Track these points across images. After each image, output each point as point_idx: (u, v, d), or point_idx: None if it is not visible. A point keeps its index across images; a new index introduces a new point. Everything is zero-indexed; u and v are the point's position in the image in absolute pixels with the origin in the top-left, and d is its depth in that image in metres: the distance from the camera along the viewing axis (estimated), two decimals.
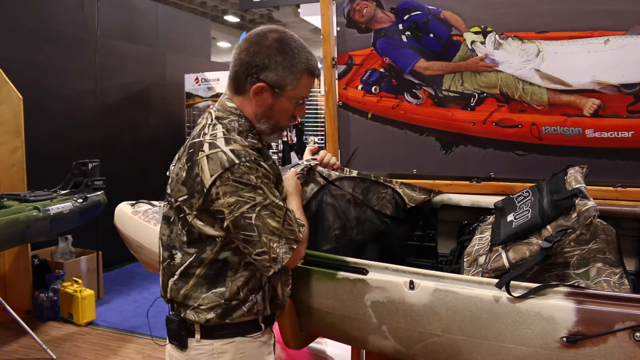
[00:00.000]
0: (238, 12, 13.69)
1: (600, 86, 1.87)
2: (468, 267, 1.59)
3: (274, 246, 1.28)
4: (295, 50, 1.33)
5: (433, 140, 2.17)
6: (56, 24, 4.93)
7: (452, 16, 2.06)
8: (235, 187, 1.24)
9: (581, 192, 1.41)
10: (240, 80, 1.35)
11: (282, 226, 1.29)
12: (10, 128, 3.98)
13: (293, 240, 1.31)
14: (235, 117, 1.36)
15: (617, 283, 1.47)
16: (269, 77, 1.31)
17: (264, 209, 1.26)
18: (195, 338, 1.35)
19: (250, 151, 1.28)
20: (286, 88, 1.33)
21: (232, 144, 1.28)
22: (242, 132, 1.34)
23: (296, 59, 1.32)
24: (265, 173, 1.29)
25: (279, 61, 1.31)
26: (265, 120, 1.37)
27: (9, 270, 4.10)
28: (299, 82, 1.34)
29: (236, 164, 1.24)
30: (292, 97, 1.35)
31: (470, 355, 1.37)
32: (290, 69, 1.32)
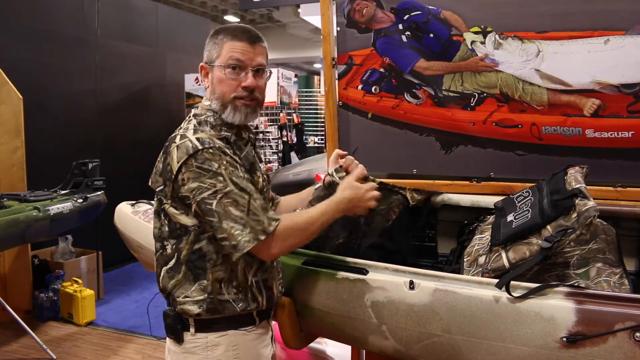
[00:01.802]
0: (238, 12, 13.69)
1: (600, 86, 1.87)
2: (468, 267, 1.59)
3: (235, 234, 1.28)
4: (223, 29, 1.44)
5: (433, 140, 2.17)
6: (56, 24, 4.93)
7: (452, 16, 2.06)
8: (198, 173, 1.29)
9: (581, 192, 1.41)
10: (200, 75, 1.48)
11: (246, 215, 1.29)
12: (10, 128, 3.98)
13: (260, 231, 1.30)
14: (210, 112, 1.44)
15: (617, 283, 1.47)
16: (205, 57, 1.45)
17: (225, 197, 1.28)
18: (190, 332, 1.39)
19: (216, 140, 1.33)
20: (213, 58, 1.43)
21: (199, 133, 1.35)
22: (215, 126, 1.41)
23: (220, 35, 1.43)
24: (230, 161, 1.32)
25: (209, 41, 1.45)
26: (214, 98, 1.43)
27: (9, 270, 4.10)
28: (221, 49, 1.41)
29: (199, 149, 1.29)
30: (221, 64, 1.41)
31: (470, 355, 1.37)
32: (214, 41, 1.44)
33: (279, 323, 1.63)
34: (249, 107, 1.44)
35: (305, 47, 15.62)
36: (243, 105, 1.42)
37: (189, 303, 1.37)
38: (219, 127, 1.42)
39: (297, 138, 7.31)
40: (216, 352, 1.38)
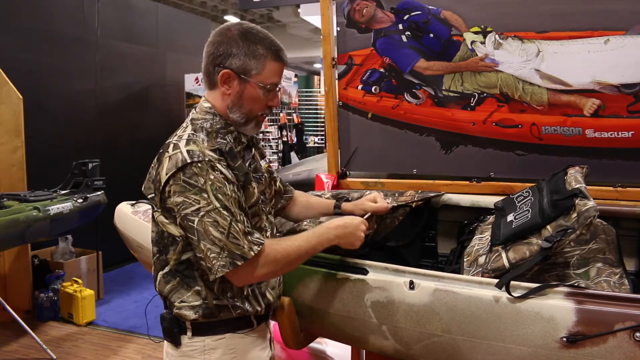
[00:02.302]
0: (238, 12, 13.69)
1: (600, 86, 1.87)
2: (468, 267, 1.59)
3: (211, 256, 1.24)
4: (257, 36, 1.35)
5: (433, 140, 2.17)
6: (56, 24, 4.93)
7: (452, 16, 2.06)
8: (184, 188, 1.25)
9: (581, 192, 1.41)
10: (210, 73, 1.38)
11: (225, 238, 1.24)
12: (10, 128, 3.98)
13: (238, 256, 1.25)
14: (209, 116, 1.39)
15: (617, 283, 1.47)
16: (233, 64, 1.33)
17: (207, 215, 1.23)
18: (187, 335, 1.37)
19: (207, 152, 1.28)
20: (251, 73, 1.34)
21: (191, 145, 1.29)
22: (212, 133, 1.35)
23: (259, 44, 1.34)
24: (218, 177, 1.26)
25: (242, 46, 1.33)
26: (236, 109, 1.38)
27: (9, 270, 4.10)
28: (263, 67, 1.35)
29: (188, 163, 1.25)
30: (259, 82, 1.35)
31: (470, 355, 1.37)
32: (253, 53, 1.34)
33: (279, 323, 1.63)
34: (264, 120, 1.46)
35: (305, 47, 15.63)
36: (261, 121, 1.43)
37: (185, 308, 1.35)
38: (215, 133, 1.35)
39: (297, 138, 7.31)
40: (214, 356, 1.37)
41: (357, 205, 1.71)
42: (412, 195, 1.96)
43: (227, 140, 1.37)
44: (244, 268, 1.26)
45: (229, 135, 1.39)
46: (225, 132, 1.38)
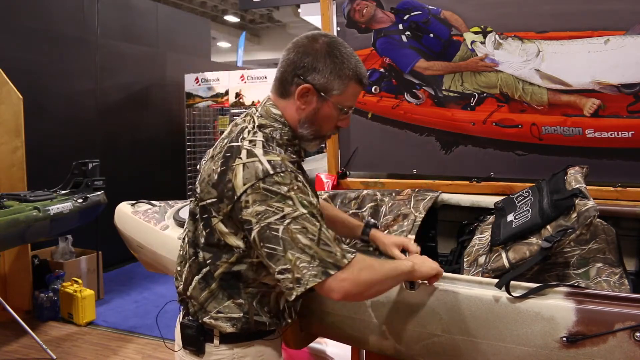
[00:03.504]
0: (238, 12, 13.69)
1: (600, 86, 1.87)
2: (468, 267, 1.59)
3: (301, 265, 1.14)
4: (345, 55, 1.30)
5: (433, 140, 2.17)
6: (56, 24, 4.94)
7: (452, 16, 2.06)
8: (265, 196, 1.16)
9: (581, 192, 1.42)
10: (286, 81, 1.30)
11: (316, 245, 1.14)
12: (10, 128, 3.98)
13: (331, 265, 1.14)
14: (279, 124, 1.31)
15: (617, 283, 1.47)
16: (315, 79, 1.27)
17: (294, 222, 1.15)
18: (214, 343, 1.32)
19: (287, 163, 1.21)
20: (332, 93, 1.28)
21: (271, 155, 1.22)
22: (282, 145, 1.29)
23: (345, 64, 1.28)
24: (301, 187, 1.20)
25: (328, 64, 1.27)
26: (308, 125, 1.32)
27: (9, 270, 4.10)
28: (345, 88, 1.29)
29: (270, 174, 1.17)
30: (337, 103, 1.30)
31: (470, 355, 1.37)
32: (339, 73, 1.28)
33: None
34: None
35: None
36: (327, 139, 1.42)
37: (222, 319, 1.29)
38: (284, 145, 1.29)
39: None
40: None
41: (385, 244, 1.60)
42: (408, 194, 1.96)
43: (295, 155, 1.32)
44: (338, 277, 1.15)
45: (291, 148, 1.33)
46: (290, 144, 1.33)
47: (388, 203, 1.97)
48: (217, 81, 6.39)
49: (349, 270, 1.16)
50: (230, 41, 15.96)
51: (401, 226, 1.78)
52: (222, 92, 6.36)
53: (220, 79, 6.38)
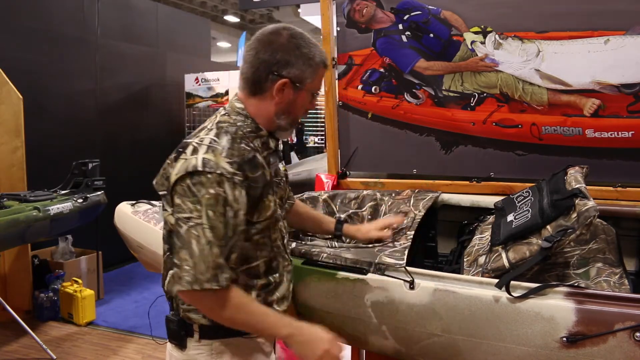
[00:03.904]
0: (238, 12, 13.69)
1: (600, 86, 1.87)
2: (468, 267, 1.59)
3: (185, 267, 1.21)
4: (310, 44, 1.35)
5: (433, 140, 2.17)
6: (56, 24, 4.93)
7: (452, 16, 2.06)
8: (185, 192, 1.22)
9: (581, 192, 1.42)
10: (260, 79, 1.33)
11: (198, 257, 1.20)
12: (10, 128, 3.98)
13: (197, 281, 1.20)
14: (240, 117, 1.35)
15: (617, 283, 1.47)
16: (291, 73, 1.32)
17: (194, 228, 1.20)
18: (195, 338, 1.35)
19: (222, 164, 1.23)
20: (306, 81, 1.35)
21: (209, 153, 1.24)
22: (236, 138, 1.30)
23: (312, 52, 1.34)
24: (217, 194, 1.21)
25: (299, 55, 1.32)
26: (285, 116, 1.37)
27: (9, 270, 4.10)
28: (316, 75, 1.36)
29: (198, 171, 1.21)
30: (311, 90, 1.37)
31: (470, 355, 1.37)
32: (309, 62, 1.34)
33: None
34: None
35: None
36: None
37: (193, 311, 1.32)
38: (240, 138, 1.31)
39: (297, 138, 7.30)
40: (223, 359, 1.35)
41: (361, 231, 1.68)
42: (408, 194, 1.96)
43: (253, 147, 1.33)
44: (194, 294, 1.23)
45: (257, 140, 1.35)
46: (254, 136, 1.35)
47: (388, 202, 1.97)
48: (217, 81, 6.39)
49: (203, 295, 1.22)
50: (230, 41, 15.97)
51: (401, 224, 1.78)
52: (222, 92, 6.36)
53: (220, 79, 6.38)
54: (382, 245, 1.62)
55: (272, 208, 1.35)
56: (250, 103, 1.36)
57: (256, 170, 1.30)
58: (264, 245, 1.36)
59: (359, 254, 1.57)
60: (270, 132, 1.39)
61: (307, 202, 2.05)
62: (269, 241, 1.37)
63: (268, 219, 1.34)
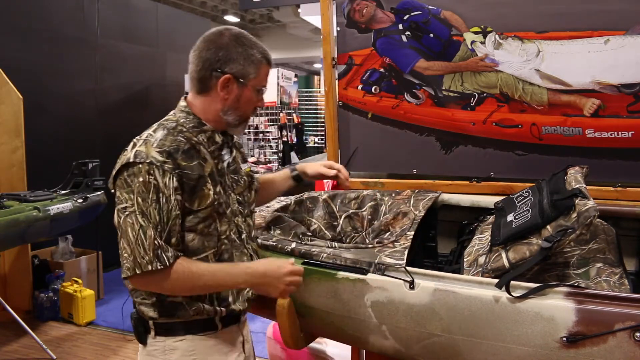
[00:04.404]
0: (238, 12, 13.68)
1: (600, 86, 1.87)
2: (468, 267, 1.59)
3: (124, 255, 1.28)
4: (252, 42, 1.41)
5: (433, 140, 2.16)
6: (56, 24, 4.94)
7: (452, 16, 2.05)
8: (122, 184, 1.30)
9: (581, 192, 1.41)
10: (205, 77, 1.40)
11: (134, 243, 1.26)
12: (10, 128, 3.98)
13: (138, 265, 1.26)
14: (183, 114, 1.43)
15: (617, 283, 1.47)
16: (233, 69, 1.38)
17: (129, 216, 1.27)
18: (151, 334, 1.41)
19: (152, 154, 1.30)
20: (249, 77, 1.39)
21: (141, 146, 1.33)
22: (172, 132, 1.37)
23: (254, 49, 1.40)
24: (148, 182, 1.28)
25: (240, 52, 1.38)
26: (232, 112, 1.42)
27: (9, 270, 4.10)
28: (259, 71, 1.41)
29: (130, 163, 1.29)
30: (255, 86, 1.41)
31: (470, 355, 1.37)
32: (251, 58, 1.39)
33: (279, 323, 1.63)
34: None
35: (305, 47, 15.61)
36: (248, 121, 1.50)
37: (144, 305, 1.38)
38: (177, 132, 1.37)
39: (297, 138, 7.30)
40: (173, 357, 1.38)
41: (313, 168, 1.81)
42: (408, 194, 1.96)
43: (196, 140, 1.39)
44: (139, 278, 1.28)
45: (201, 135, 1.41)
46: (197, 131, 1.41)
47: (388, 202, 1.97)
48: None
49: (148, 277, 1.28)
50: None
51: (401, 225, 1.78)
52: None
53: None
54: (382, 246, 1.62)
55: (212, 197, 1.38)
56: (198, 102, 1.43)
57: (191, 160, 1.35)
58: (209, 235, 1.38)
59: (359, 254, 1.57)
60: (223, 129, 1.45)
61: (307, 202, 2.05)
62: (215, 232, 1.39)
63: (208, 206, 1.37)
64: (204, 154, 1.40)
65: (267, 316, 1.86)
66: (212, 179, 1.39)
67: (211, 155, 1.41)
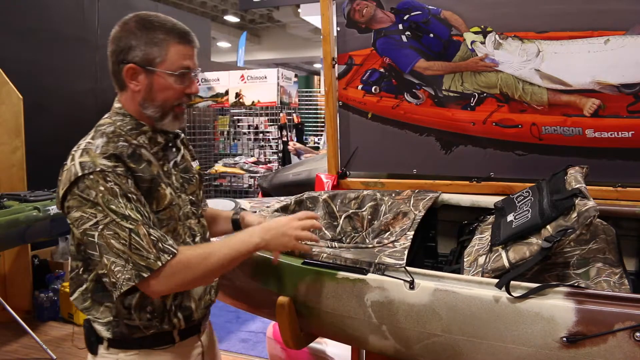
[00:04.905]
0: (238, 12, 13.69)
1: (600, 86, 1.87)
2: (468, 267, 1.59)
3: (115, 270, 1.17)
4: (156, 22, 1.29)
5: (433, 140, 2.17)
6: (56, 24, 4.94)
7: (452, 16, 2.05)
8: (80, 202, 1.18)
9: (581, 192, 1.41)
10: (116, 72, 1.32)
11: (128, 249, 1.16)
12: (10, 128, 3.98)
13: (144, 267, 1.17)
14: (119, 117, 1.34)
15: (617, 283, 1.47)
16: (134, 56, 1.27)
17: (106, 228, 1.16)
18: (104, 345, 1.33)
19: (99, 161, 1.19)
20: (156, 62, 1.27)
21: (84, 156, 1.21)
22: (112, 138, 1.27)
23: (157, 30, 1.28)
24: (110, 188, 1.18)
25: (140, 36, 1.27)
26: (149, 104, 1.31)
27: (9, 270, 4.10)
28: (166, 53, 1.27)
29: (80, 176, 1.18)
30: (166, 70, 1.28)
31: (470, 355, 1.37)
32: (153, 40, 1.27)
33: (279, 323, 1.63)
34: (184, 112, 1.37)
35: (305, 47, 15.63)
36: (181, 112, 1.34)
37: (98, 323, 1.31)
38: (117, 137, 1.27)
39: (297, 138, 7.30)
40: None
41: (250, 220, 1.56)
42: (408, 194, 1.96)
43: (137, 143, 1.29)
44: (153, 279, 1.18)
45: (141, 137, 1.32)
46: (137, 133, 1.32)
47: (388, 202, 1.97)
48: (217, 81, 6.39)
49: (163, 273, 1.18)
50: (230, 41, 15.97)
51: (401, 225, 1.78)
52: (222, 92, 6.37)
53: (220, 79, 6.38)
54: (382, 246, 1.62)
55: (169, 197, 1.30)
56: (123, 99, 1.35)
57: (139, 162, 1.27)
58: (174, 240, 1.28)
59: (359, 254, 1.57)
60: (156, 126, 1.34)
61: (307, 202, 2.05)
62: (177, 237, 1.33)
63: (168, 207, 1.30)
64: (147, 156, 1.30)
65: (267, 316, 1.86)
66: (162, 181, 1.32)
67: (155, 157, 1.32)
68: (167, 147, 1.38)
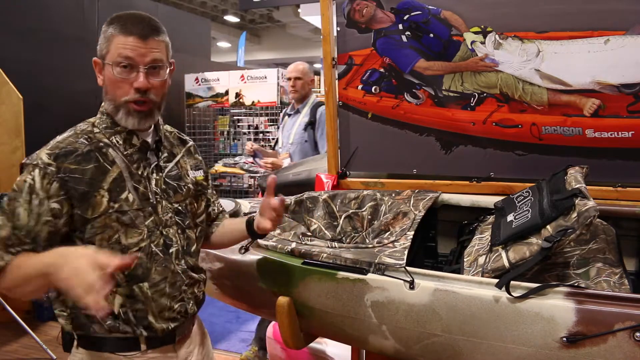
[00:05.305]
0: (238, 12, 13.69)
1: (600, 86, 1.87)
2: (468, 267, 1.59)
3: None
4: (116, 17, 1.34)
5: (433, 140, 2.17)
6: (56, 24, 4.94)
7: (452, 16, 2.05)
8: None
9: (581, 192, 1.41)
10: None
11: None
12: (10, 128, 3.98)
13: None
14: (99, 115, 1.37)
15: (617, 283, 1.47)
16: (98, 52, 1.33)
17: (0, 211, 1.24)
18: (75, 344, 1.34)
19: (42, 155, 1.25)
20: (104, 54, 1.30)
21: (43, 147, 1.29)
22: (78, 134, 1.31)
23: (110, 25, 1.32)
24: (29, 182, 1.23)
25: (102, 32, 1.33)
26: (106, 99, 1.33)
27: None
28: (111, 44, 1.29)
29: (22, 164, 1.27)
30: (109, 62, 1.27)
31: (470, 355, 1.37)
32: (105, 34, 1.31)
33: (279, 323, 1.63)
34: (142, 112, 1.31)
35: (305, 47, 15.62)
36: (135, 110, 1.30)
37: (61, 317, 1.30)
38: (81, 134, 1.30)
39: None
40: None
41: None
42: (408, 194, 1.96)
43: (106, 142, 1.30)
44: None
45: (116, 137, 1.32)
46: (111, 132, 1.33)
47: (388, 202, 1.97)
48: (217, 81, 6.39)
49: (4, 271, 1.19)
50: (230, 41, 15.98)
51: (401, 225, 1.78)
52: (222, 92, 6.37)
53: (220, 79, 6.38)
54: (382, 246, 1.62)
55: (105, 205, 1.25)
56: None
57: (86, 163, 1.26)
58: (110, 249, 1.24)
59: (359, 254, 1.57)
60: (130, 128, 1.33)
61: (307, 202, 2.05)
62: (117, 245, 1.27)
63: (102, 215, 1.25)
64: (113, 156, 1.29)
65: (267, 316, 1.86)
66: (116, 184, 1.28)
67: (126, 158, 1.31)
68: (145, 150, 1.37)
